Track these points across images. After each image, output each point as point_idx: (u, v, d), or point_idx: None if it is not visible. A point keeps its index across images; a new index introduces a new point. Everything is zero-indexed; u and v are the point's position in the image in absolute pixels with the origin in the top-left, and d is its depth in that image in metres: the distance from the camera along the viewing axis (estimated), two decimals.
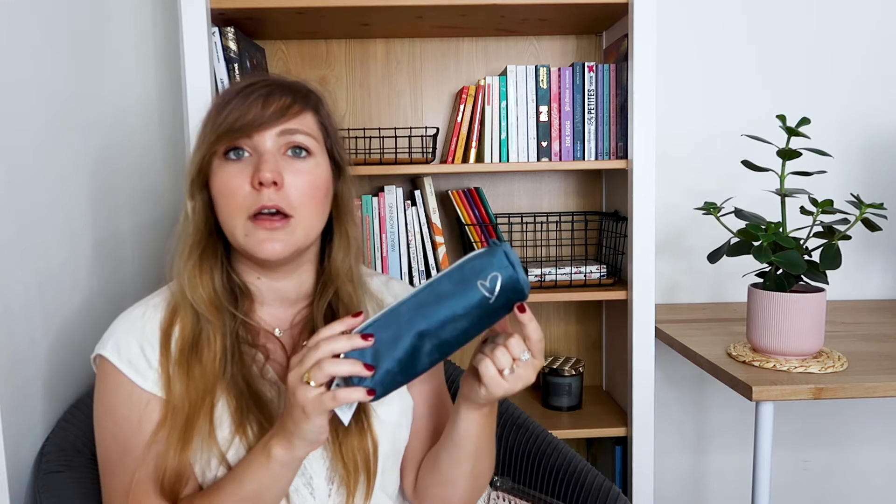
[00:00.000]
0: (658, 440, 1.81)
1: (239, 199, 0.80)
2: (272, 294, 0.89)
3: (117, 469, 0.82)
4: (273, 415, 0.82)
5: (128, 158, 1.34)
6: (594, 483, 1.06)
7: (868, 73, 1.81)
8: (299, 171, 0.81)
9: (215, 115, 0.82)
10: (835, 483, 1.94)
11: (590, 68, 1.53)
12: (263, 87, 0.83)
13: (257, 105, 0.80)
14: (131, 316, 0.86)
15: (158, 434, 0.80)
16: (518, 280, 0.74)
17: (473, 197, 1.55)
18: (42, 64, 1.05)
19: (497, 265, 0.73)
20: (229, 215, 0.81)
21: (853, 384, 1.19)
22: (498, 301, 0.73)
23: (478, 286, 0.73)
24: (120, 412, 0.81)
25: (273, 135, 0.81)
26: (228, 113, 0.80)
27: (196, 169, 0.83)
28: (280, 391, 0.86)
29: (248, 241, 0.80)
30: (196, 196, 0.84)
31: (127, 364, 0.82)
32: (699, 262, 1.82)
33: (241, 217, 0.80)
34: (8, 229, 0.93)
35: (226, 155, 0.81)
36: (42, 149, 1.03)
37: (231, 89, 0.84)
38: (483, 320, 0.74)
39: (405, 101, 1.73)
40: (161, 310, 0.86)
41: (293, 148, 0.82)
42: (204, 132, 0.83)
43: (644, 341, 1.49)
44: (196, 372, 0.81)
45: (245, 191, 0.79)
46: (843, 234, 1.25)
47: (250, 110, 0.80)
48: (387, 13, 1.44)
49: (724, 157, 1.77)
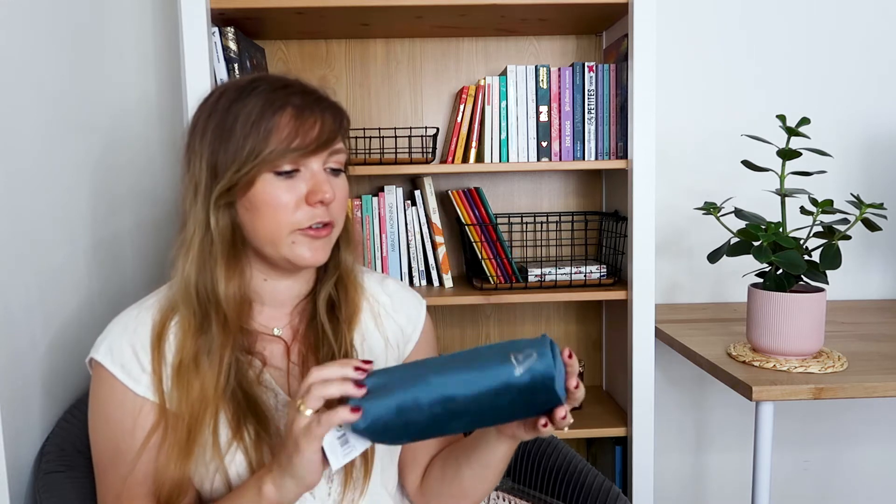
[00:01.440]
0: (658, 440, 1.81)
1: (290, 214, 0.81)
2: (276, 294, 0.89)
3: (109, 472, 0.82)
4: (270, 421, 0.82)
5: (127, 158, 1.34)
6: (594, 483, 1.06)
7: (868, 73, 1.81)
8: (339, 186, 0.85)
9: (265, 129, 0.79)
10: (835, 483, 1.94)
11: (590, 68, 1.53)
12: (315, 103, 0.82)
13: (314, 127, 0.81)
14: (125, 318, 0.85)
15: (152, 439, 0.80)
16: (552, 373, 0.68)
17: (473, 197, 1.55)
18: (42, 64, 1.05)
19: (538, 346, 0.70)
20: (277, 229, 0.81)
21: (853, 384, 1.19)
22: (523, 378, 0.68)
23: (510, 357, 0.69)
24: (113, 417, 0.82)
25: (324, 155, 0.83)
26: (283, 129, 0.79)
27: (242, 183, 0.80)
28: (278, 397, 0.86)
29: (293, 251, 0.82)
30: (222, 207, 0.81)
31: (120, 368, 0.81)
32: (699, 262, 1.82)
33: (289, 229, 0.81)
34: (8, 229, 0.93)
35: (278, 173, 0.80)
36: (42, 149, 1.03)
37: (273, 97, 0.81)
38: (499, 395, 0.69)
39: (405, 101, 1.73)
40: (154, 311, 0.85)
41: (334, 167, 0.85)
42: (252, 143, 0.79)
43: (644, 341, 1.49)
44: (196, 385, 0.80)
45: (300, 207, 0.81)
46: (843, 234, 1.25)
47: (308, 131, 0.80)
48: (387, 13, 1.44)
49: (723, 157, 1.77)
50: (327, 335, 0.88)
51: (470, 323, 1.81)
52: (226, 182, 0.79)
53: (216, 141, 0.80)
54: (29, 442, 0.97)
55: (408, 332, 0.97)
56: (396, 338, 0.96)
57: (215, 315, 0.81)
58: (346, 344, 0.89)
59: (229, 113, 0.80)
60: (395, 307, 0.97)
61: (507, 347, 0.70)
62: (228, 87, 0.84)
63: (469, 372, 0.69)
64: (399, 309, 0.97)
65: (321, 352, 0.88)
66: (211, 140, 0.81)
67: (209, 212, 0.81)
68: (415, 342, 0.98)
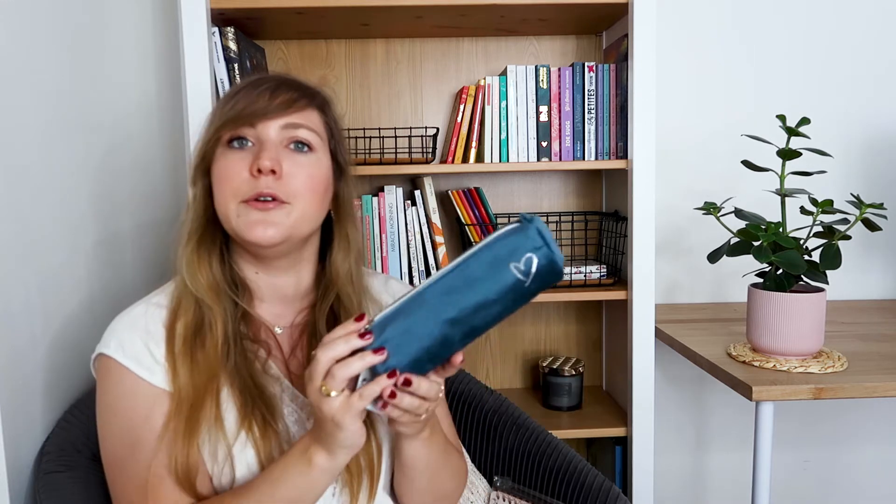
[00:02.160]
0: (658, 440, 1.81)
1: (235, 183, 0.80)
2: (271, 290, 0.89)
3: (129, 464, 0.80)
4: (277, 409, 0.82)
5: (128, 158, 1.34)
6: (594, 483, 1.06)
7: (868, 73, 1.81)
8: (300, 163, 0.82)
9: (223, 105, 0.84)
10: (835, 483, 1.94)
11: (590, 68, 1.53)
12: (272, 80, 0.85)
13: (264, 96, 0.82)
14: (132, 314, 0.85)
15: (169, 426, 0.79)
16: (555, 261, 0.68)
17: (473, 197, 1.55)
18: (42, 64, 1.05)
19: (531, 245, 0.67)
20: (224, 200, 0.81)
21: (853, 384, 1.19)
22: (533, 284, 0.68)
23: (511, 269, 0.67)
24: (125, 406, 0.80)
25: (277, 126, 0.82)
26: (236, 102, 0.82)
27: (199, 156, 0.84)
28: (283, 387, 0.86)
29: (239, 223, 0.80)
30: (198, 183, 0.85)
31: (133, 360, 0.81)
32: (699, 262, 1.82)
33: (235, 201, 0.80)
34: (8, 229, 0.93)
35: (229, 143, 0.82)
36: (42, 149, 1.03)
37: (242, 82, 0.86)
38: (517, 303, 0.69)
39: (405, 101, 1.73)
40: (164, 308, 0.85)
41: (296, 142, 0.83)
42: (210, 120, 0.84)
43: (644, 341, 1.49)
44: (199, 357, 0.81)
45: (243, 176, 0.80)
46: (843, 234, 1.25)
47: (257, 101, 0.81)
48: (387, 13, 1.44)
49: (723, 157, 1.77)
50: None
51: None
52: (195, 157, 0.84)
53: (203, 128, 0.85)
54: (29, 442, 0.97)
55: None
56: None
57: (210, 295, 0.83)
58: None
59: (217, 102, 0.87)
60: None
61: (502, 257, 0.68)
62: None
63: (485, 299, 0.67)
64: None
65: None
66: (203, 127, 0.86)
67: (189, 189, 0.85)
68: None
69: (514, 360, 1.83)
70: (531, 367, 1.83)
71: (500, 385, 1.83)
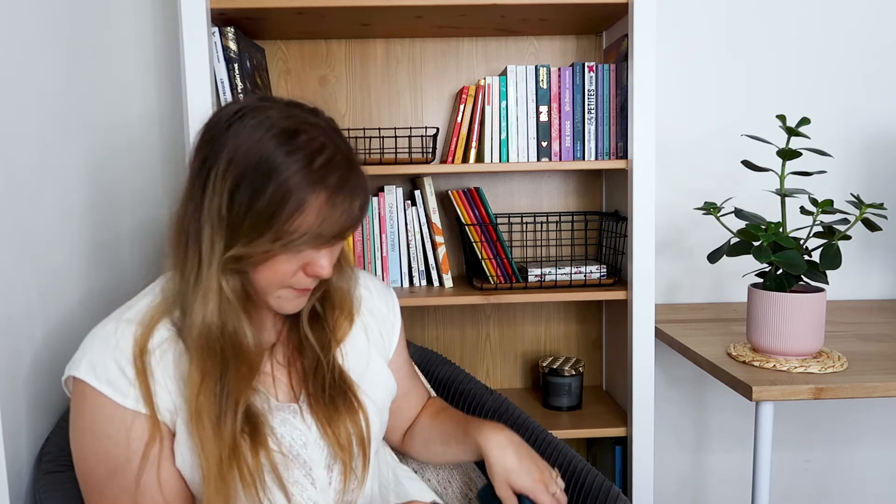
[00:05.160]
0: (658, 440, 1.81)
1: (286, 280, 0.80)
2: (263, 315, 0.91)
3: (106, 488, 0.80)
4: (260, 423, 0.82)
5: (127, 159, 1.34)
6: (594, 483, 1.06)
7: (868, 72, 1.81)
8: (338, 249, 0.84)
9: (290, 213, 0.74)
10: (835, 483, 1.94)
11: (590, 68, 1.53)
12: (347, 190, 0.77)
13: (340, 221, 0.77)
14: (102, 333, 0.82)
15: (151, 451, 0.79)
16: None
17: (473, 197, 1.55)
18: (42, 65, 1.05)
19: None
20: (268, 287, 0.80)
21: (853, 384, 1.19)
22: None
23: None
24: (104, 432, 0.79)
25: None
26: (312, 222, 0.75)
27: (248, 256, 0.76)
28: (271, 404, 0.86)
29: (278, 303, 0.83)
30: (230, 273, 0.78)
31: (106, 384, 0.79)
32: (699, 262, 1.82)
33: (280, 288, 0.81)
34: (8, 229, 0.93)
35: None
36: (42, 150, 1.03)
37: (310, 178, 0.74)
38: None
39: (405, 101, 1.73)
40: (135, 324, 0.82)
41: None
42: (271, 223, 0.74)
43: (644, 341, 1.49)
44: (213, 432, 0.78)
45: (297, 276, 0.80)
46: (843, 234, 1.25)
47: (333, 227, 0.77)
48: (387, 13, 1.44)
49: (723, 157, 1.77)
50: (310, 341, 0.89)
51: (470, 323, 1.81)
52: (239, 250, 0.76)
53: (237, 191, 0.74)
54: (29, 442, 0.97)
55: (391, 319, 1.02)
56: (380, 328, 1.00)
57: (234, 363, 0.79)
58: (331, 350, 0.90)
59: (258, 168, 0.74)
60: (375, 298, 1.01)
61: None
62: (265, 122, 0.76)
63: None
64: (379, 299, 1.02)
65: (307, 358, 0.89)
66: (232, 188, 0.75)
67: (219, 269, 0.77)
68: (399, 329, 1.03)
69: (514, 360, 1.83)
70: (531, 367, 1.83)
71: (500, 385, 1.83)
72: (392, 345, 1.02)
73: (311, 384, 0.88)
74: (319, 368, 0.89)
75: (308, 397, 0.88)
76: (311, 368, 0.89)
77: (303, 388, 0.89)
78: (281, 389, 0.89)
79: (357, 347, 0.95)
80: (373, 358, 0.96)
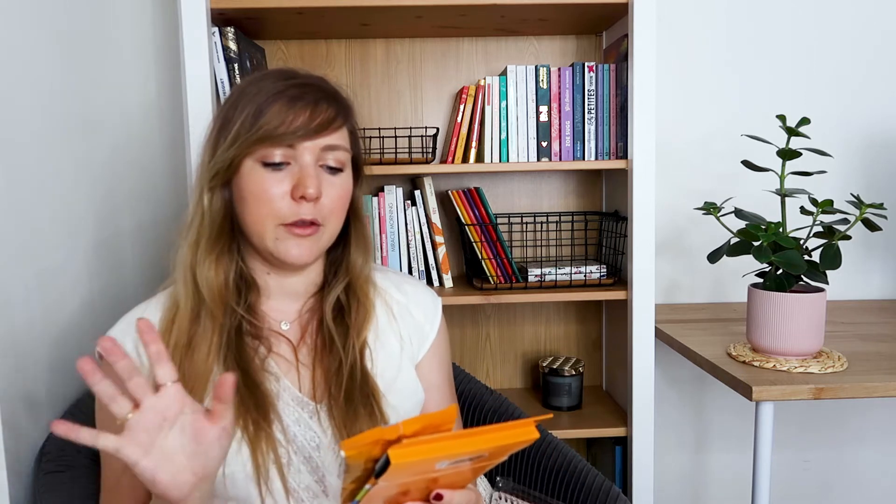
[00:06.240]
0: (658, 440, 1.81)
1: (275, 206, 0.80)
2: (280, 288, 0.90)
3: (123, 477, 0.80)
4: (269, 406, 0.81)
5: (128, 158, 1.34)
6: (594, 483, 1.06)
7: (868, 73, 1.81)
8: (332, 184, 0.84)
9: (255, 115, 0.80)
10: (835, 483, 1.94)
11: (590, 68, 1.53)
12: (310, 93, 0.82)
13: (304, 114, 0.80)
14: (131, 316, 0.86)
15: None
16: None
17: (473, 197, 1.55)
18: (42, 64, 1.05)
19: None
20: (261, 220, 0.81)
21: (853, 384, 1.19)
22: None
23: None
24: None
25: (316, 149, 0.82)
26: (272, 116, 0.79)
27: (225, 165, 0.81)
28: (282, 384, 0.85)
29: (277, 246, 0.82)
30: (216, 192, 0.83)
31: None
32: (699, 262, 1.82)
33: (273, 223, 0.81)
34: (8, 229, 0.93)
35: (264, 162, 0.81)
36: (42, 149, 1.03)
37: (271, 87, 0.82)
38: None
39: (405, 101, 1.73)
40: (160, 308, 0.85)
41: (328, 164, 0.83)
42: (240, 128, 0.80)
43: (644, 341, 1.49)
44: (185, 366, 0.80)
45: (284, 200, 0.80)
46: (843, 234, 1.25)
47: (297, 118, 0.80)
48: (387, 13, 1.44)
49: (723, 157, 1.77)
50: (335, 340, 0.87)
51: (470, 323, 1.81)
52: (214, 163, 0.81)
53: (220, 121, 0.83)
54: (29, 442, 0.97)
55: (426, 329, 0.96)
56: (411, 335, 0.95)
57: (209, 301, 0.82)
58: (355, 350, 0.87)
59: (240, 96, 0.82)
60: (411, 304, 0.97)
61: None
62: (255, 75, 0.86)
63: None
64: (415, 305, 0.97)
65: (330, 355, 0.88)
66: (216, 121, 0.84)
67: (203, 192, 0.83)
68: (431, 340, 0.97)
69: (514, 360, 1.83)
70: (531, 367, 1.83)
71: (500, 385, 1.83)
72: (420, 353, 0.96)
73: (334, 386, 0.86)
74: (341, 369, 0.86)
75: (329, 399, 0.86)
76: (334, 369, 0.87)
77: (326, 390, 0.87)
78: (305, 386, 0.87)
79: (389, 354, 0.92)
80: (404, 365, 0.93)
